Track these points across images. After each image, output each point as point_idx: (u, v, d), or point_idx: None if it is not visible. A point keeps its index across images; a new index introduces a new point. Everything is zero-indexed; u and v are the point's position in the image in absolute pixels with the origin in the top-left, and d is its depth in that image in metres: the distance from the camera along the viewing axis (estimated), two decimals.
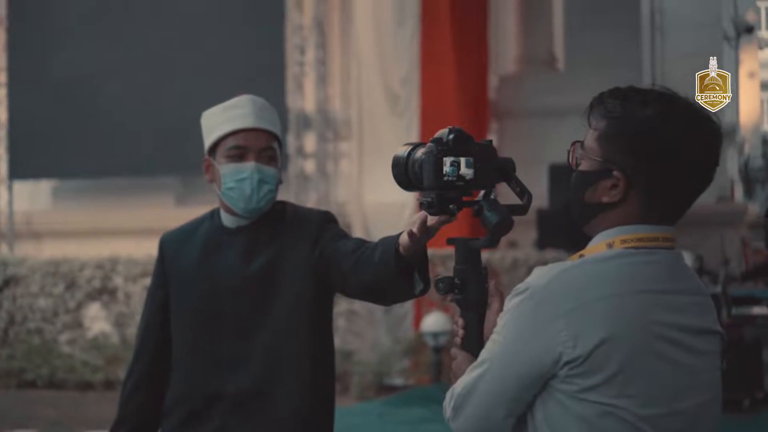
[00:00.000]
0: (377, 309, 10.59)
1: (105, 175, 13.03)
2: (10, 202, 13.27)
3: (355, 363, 10.53)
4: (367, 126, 12.01)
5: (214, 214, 3.20)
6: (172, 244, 3.22)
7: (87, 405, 10.20)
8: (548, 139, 12.11)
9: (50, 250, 12.39)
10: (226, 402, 3.04)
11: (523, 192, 2.33)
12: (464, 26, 12.14)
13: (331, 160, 12.55)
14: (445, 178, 2.29)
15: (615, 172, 2.07)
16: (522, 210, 2.31)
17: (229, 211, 3.14)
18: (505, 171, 2.34)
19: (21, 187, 13.62)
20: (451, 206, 2.34)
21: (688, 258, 11.25)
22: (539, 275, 2.06)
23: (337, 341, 10.93)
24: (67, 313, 11.57)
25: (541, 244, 11.34)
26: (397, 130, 11.67)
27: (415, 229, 2.54)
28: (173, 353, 3.15)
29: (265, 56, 11.98)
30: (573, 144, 2.16)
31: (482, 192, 2.32)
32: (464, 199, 2.35)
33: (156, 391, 3.18)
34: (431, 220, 2.47)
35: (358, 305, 10.56)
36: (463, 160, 2.29)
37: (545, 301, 2.02)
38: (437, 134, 2.31)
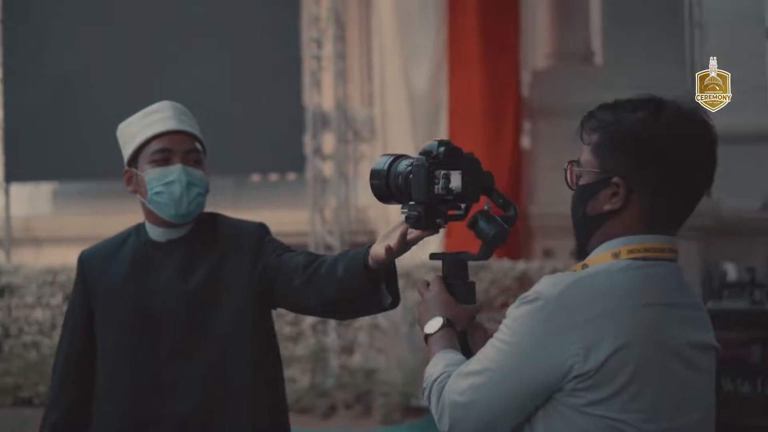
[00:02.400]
0: (402, 323, 9.82)
1: (108, 176, 12.30)
2: (7, 206, 12.50)
3: (379, 382, 9.73)
4: (390, 126, 11.28)
5: (139, 229, 3.10)
6: (94, 263, 3.09)
7: None
8: None
9: (50, 258, 11.61)
10: (166, 427, 2.93)
11: (507, 204, 2.33)
12: (494, 19, 11.38)
13: (352, 162, 11.77)
14: (437, 192, 2.29)
15: (614, 179, 2.12)
16: (511, 222, 2.31)
17: (156, 221, 3.04)
18: (486, 184, 2.34)
19: (19, 190, 12.89)
20: (438, 220, 2.35)
21: (733, 270, 10.48)
22: (551, 285, 2.07)
23: (359, 359, 10.22)
24: None
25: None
26: (422, 131, 10.98)
27: (393, 244, 2.50)
28: (100, 379, 3.03)
29: (279, 50, 11.24)
30: (569, 163, 2.20)
31: (463, 205, 2.34)
32: (449, 213, 2.35)
33: (84, 423, 3.04)
34: (412, 234, 2.45)
35: (381, 319, 9.78)
36: (454, 173, 2.29)
37: (558, 311, 2.03)
38: (425, 146, 2.33)
